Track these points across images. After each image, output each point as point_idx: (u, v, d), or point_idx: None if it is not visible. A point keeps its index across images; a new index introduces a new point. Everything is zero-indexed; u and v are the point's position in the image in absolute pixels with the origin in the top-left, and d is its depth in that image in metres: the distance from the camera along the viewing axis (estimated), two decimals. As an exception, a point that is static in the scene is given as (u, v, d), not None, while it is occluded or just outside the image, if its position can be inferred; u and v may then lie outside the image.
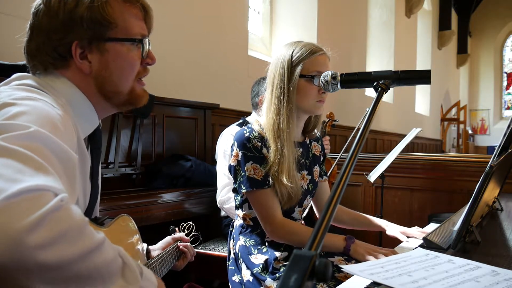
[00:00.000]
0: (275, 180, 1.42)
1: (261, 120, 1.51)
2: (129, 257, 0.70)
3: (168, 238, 1.39)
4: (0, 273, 0.52)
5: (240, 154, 1.44)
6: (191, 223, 1.53)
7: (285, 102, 1.43)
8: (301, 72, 1.42)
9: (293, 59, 1.43)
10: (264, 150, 1.44)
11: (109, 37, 0.90)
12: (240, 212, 1.55)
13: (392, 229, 1.57)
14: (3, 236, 0.52)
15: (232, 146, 1.48)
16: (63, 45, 0.88)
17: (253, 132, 1.45)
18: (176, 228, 1.48)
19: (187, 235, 1.49)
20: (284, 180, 1.41)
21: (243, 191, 1.43)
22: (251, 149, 1.43)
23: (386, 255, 1.29)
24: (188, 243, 1.43)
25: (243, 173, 1.43)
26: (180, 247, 1.40)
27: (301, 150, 1.55)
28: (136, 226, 1.15)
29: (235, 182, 1.48)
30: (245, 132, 1.46)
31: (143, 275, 0.73)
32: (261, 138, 1.45)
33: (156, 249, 1.32)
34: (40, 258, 0.53)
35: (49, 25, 0.87)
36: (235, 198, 1.56)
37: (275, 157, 1.41)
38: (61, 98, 0.86)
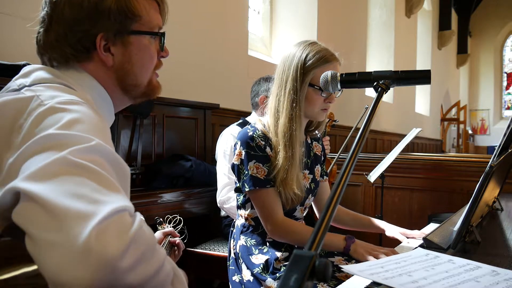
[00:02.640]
0: (282, 185, 1.41)
1: (264, 120, 1.51)
2: (176, 266, 0.71)
3: (159, 233, 1.36)
4: None
5: (243, 152, 1.43)
6: (178, 216, 1.51)
7: (297, 110, 1.42)
8: (311, 81, 1.41)
9: (306, 65, 1.40)
10: (268, 149, 1.44)
11: (133, 29, 0.89)
12: (242, 212, 1.55)
13: (391, 230, 1.57)
14: (103, 263, 0.53)
15: (235, 145, 1.48)
16: (87, 37, 0.85)
17: (257, 131, 1.45)
18: (162, 219, 1.46)
19: (173, 227, 1.47)
20: (294, 187, 1.41)
21: (246, 190, 1.43)
22: (254, 148, 1.43)
23: (386, 255, 1.29)
24: (179, 239, 1.40)
25: (246, 172, 1.43)
26: (177, 241, 1.37)
27: (303, 149, 1.55)
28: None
29: (238, 181, 1.48)
30: (248, 131, 1.46)
31: (183, 279, 0.74)
32: (265, 137, 1.45)
33: None
34: (129, 280, 0.55)
35: (71, 16, 0.84)
36: (238, 197, 1.56)
37: (285, 163, 1.40)
38: (86, 93, 0.84)
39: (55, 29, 0.85)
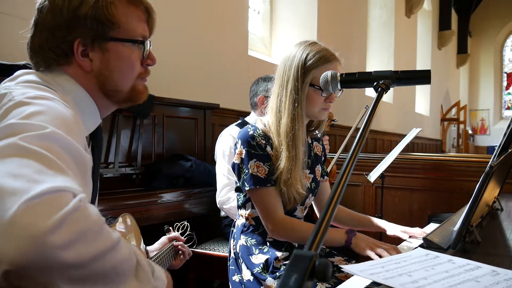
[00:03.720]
0: (286, 185, 1.41)
1: (264, 119, 1.50)
2: (141, 256, 0.71)
3: (163, 238, 1.39)
4: (24, 271, 0.54)
5: (244, 151, 1.43)
6: (186, 222, 1.53)
7: (299, 110, 1.42)
8: (311, 81, 1.42)
9: (306, 65, 1.41)
10: (268, 148, 1.44)
11: (111, 36, 0.90)
12: (243, 212, 1.55)
13: (392, 228, 1.57)
14: (28, 237, 0.53)
15: (235, 144, 1.48)
16: (66, 42, 0.88)
17: (257, 130, 1.45)
18: (171, 228, 1.48)
19: (181, 234, 1.49)
20: (298, 187, 1.41)
21: (247, 188, 1.43)
22: (255, 146, 1.43)
23: (387, 250, 1.30)
24: (183, 243, 1.43)
25: (247, 171, 1.43)
26: (179, 246, 1.40)
27: (304, 149, 1.55)
28: (137, 225, 1.16)
29: (238, 180, 1.48)
30: (249, 130, 1.46)
31: (154, 274, 0.74)
32: (265, 136, 1.45)
33: (153, 250, 1.33)
34: (61, 257, 0.55)
35: (53, 22, 0.87)
36: (238, 197, 1.56)
37: (288, 164, 1.40)
38: (67, 95, 0.86)
39: (39, 35, 0.89)
